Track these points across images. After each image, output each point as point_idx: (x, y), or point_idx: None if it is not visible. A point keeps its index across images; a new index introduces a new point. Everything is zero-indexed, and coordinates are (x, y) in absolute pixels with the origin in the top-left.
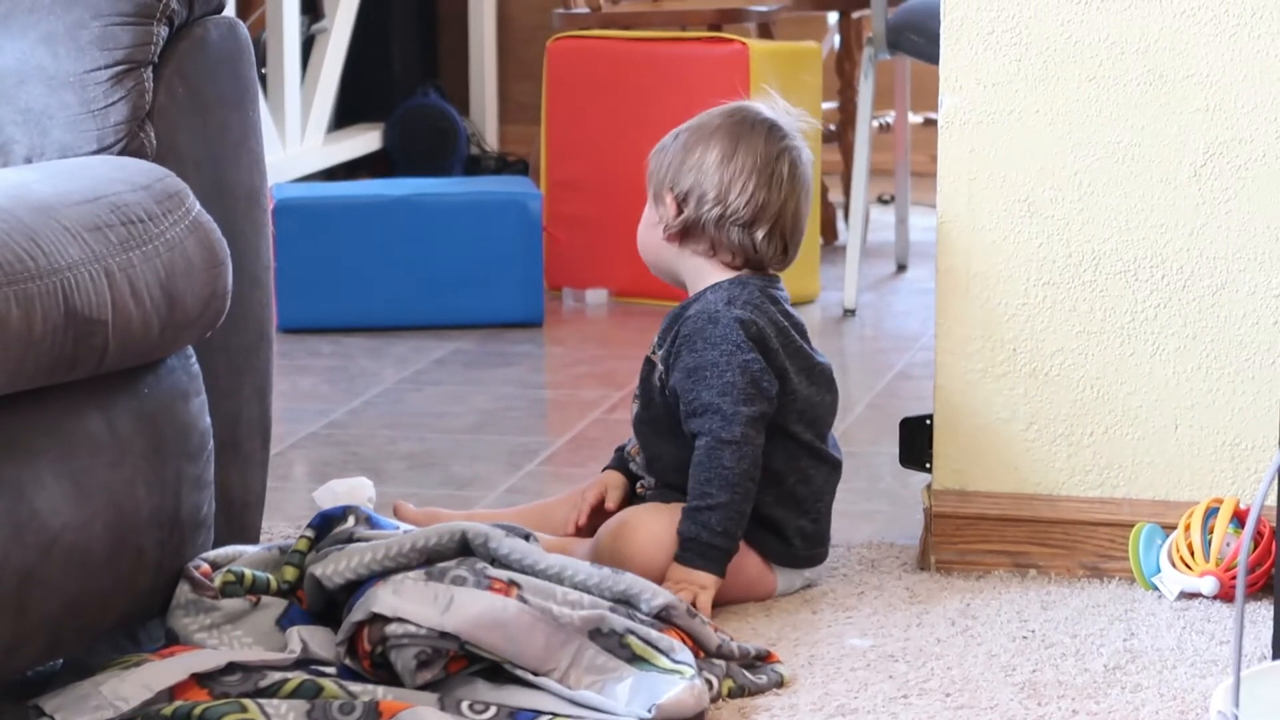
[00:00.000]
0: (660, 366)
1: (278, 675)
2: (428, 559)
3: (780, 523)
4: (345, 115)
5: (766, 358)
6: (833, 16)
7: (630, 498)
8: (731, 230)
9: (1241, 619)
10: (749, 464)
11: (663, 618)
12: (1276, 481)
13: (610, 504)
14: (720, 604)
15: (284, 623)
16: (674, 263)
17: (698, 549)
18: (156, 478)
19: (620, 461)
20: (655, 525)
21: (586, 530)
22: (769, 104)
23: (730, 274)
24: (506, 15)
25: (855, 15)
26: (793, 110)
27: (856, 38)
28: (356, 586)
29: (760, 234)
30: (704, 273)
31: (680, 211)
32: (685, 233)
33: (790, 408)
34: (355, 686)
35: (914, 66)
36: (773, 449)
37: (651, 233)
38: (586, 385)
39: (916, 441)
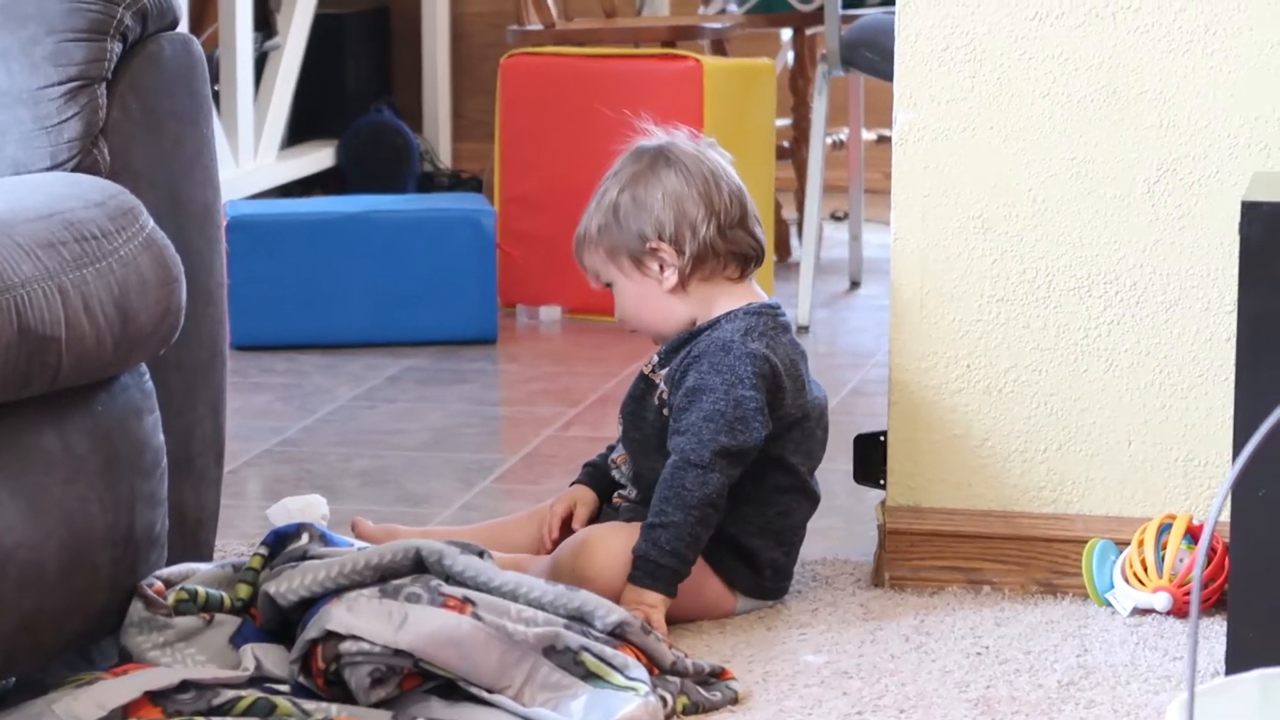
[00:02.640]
0: (662, 386)
1: (231, 693)
2: (382, 576)
3: (756, 553)
4: (298, 132)
5: (775, 394)
6: (786, 33)
7: (599, 514)
8: (731, 234)
9: (1196, 635)
10: (711, 491)
11: (617, 634)
12: (1229, 498)
13: (577, 521)
14: (677, 621)
15: (238, 640)
16: (681, 312)
17: (646, 568)
18: (110, 495)
19: (590, 476)
20: (614, 545)
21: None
22: (649, 131)
23: (738, 297)
24: (460, 32)
25: (809, 32)
26: (672, 131)
27: (810, 54)
28: (310, 604)
29: (753, 224)
30: (714, 302)
31: (681, 252)
32: (693, 269)
33: (788, 438)
34: (309, 704)
35: (867, 83)
36: (764, 478)
37: (648, 300)
38: (541, 402)
39: (871, 458)
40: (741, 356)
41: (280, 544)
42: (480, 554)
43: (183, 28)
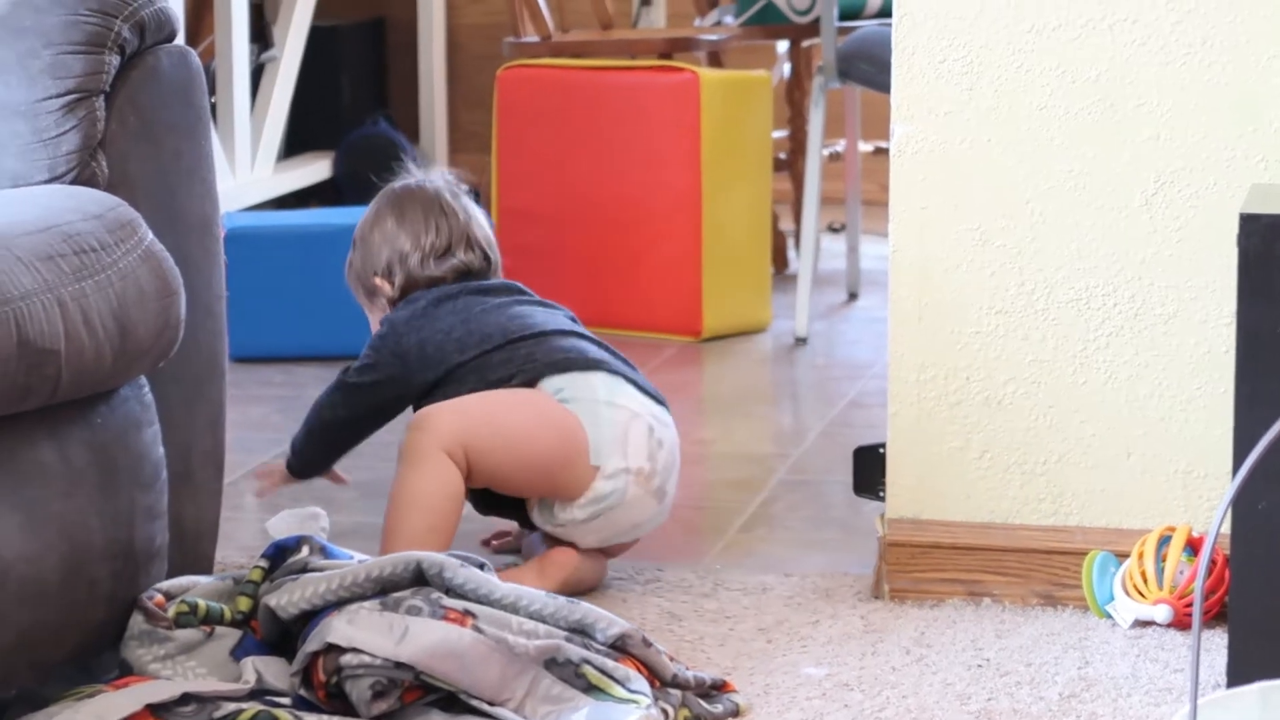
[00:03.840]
0: None
1: (232, 706)
2: (383, 589)
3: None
4: (295, 144)
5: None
6: (783, 45)
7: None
8: (430, 263)
9: (1198, 647)
10: (354, 399)
11: (618, 647)
12: (1230, 510)
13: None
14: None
15: (238, 653)
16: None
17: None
18: (110, 508)
19: None
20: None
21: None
22: (415, 173)
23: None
24: (456, 44)
25: (805, 44)
26: (439, 172)
27: (806, 66)
28: (311, 617)
29: (461, 253)
30: None
31: (390, 281)
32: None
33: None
34: (310, 717)
35: (864, 95)
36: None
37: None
38: None
39: (870, 470)
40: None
41: (280, 557)
42: (481, 566)
43: (179, 40)
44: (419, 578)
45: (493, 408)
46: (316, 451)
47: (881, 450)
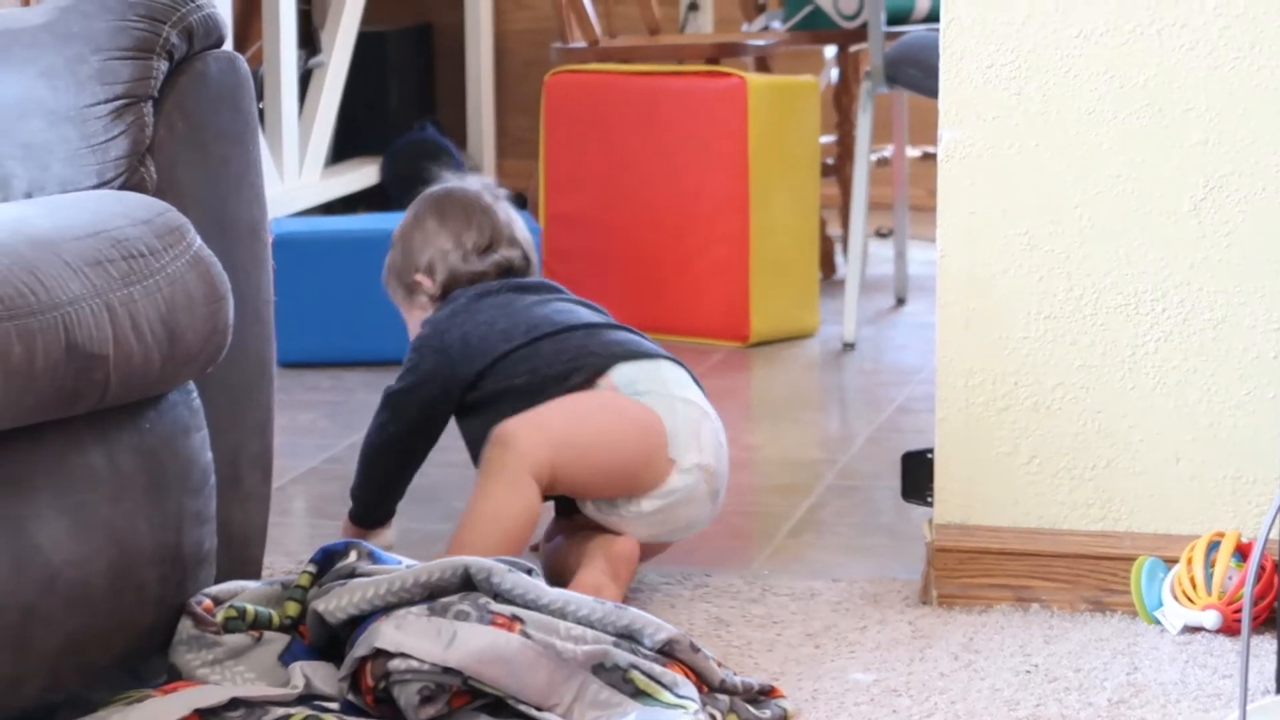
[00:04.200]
0: None
1: (280, 711)
2: (430, 594)
3: (562, 366)
4: (343, 150)
5: (445, 339)
6: (830, 50)
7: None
8: (472, 259)
9: (1247, 653)
10: (403, 419)
11: (666, 652)
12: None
13: None
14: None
15: (286, 658)
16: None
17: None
18: (158, 513)
19: None
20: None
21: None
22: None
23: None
24: (504, 50)
25: (853, 49)
26: (477, 178)
27: (854, 71)
28: (359, 622)
29: (503, 249)
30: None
31: (433, 278)
32: (443, 292)
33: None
34: None
35: (911, 100)
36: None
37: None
38: None
39: (918, 475)
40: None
41: (328, 561)
42: (529, 571)
43: (227, 46)
44: (467, 583)
45: (575, 419)
46: (375, 489)
47: (929, 455)
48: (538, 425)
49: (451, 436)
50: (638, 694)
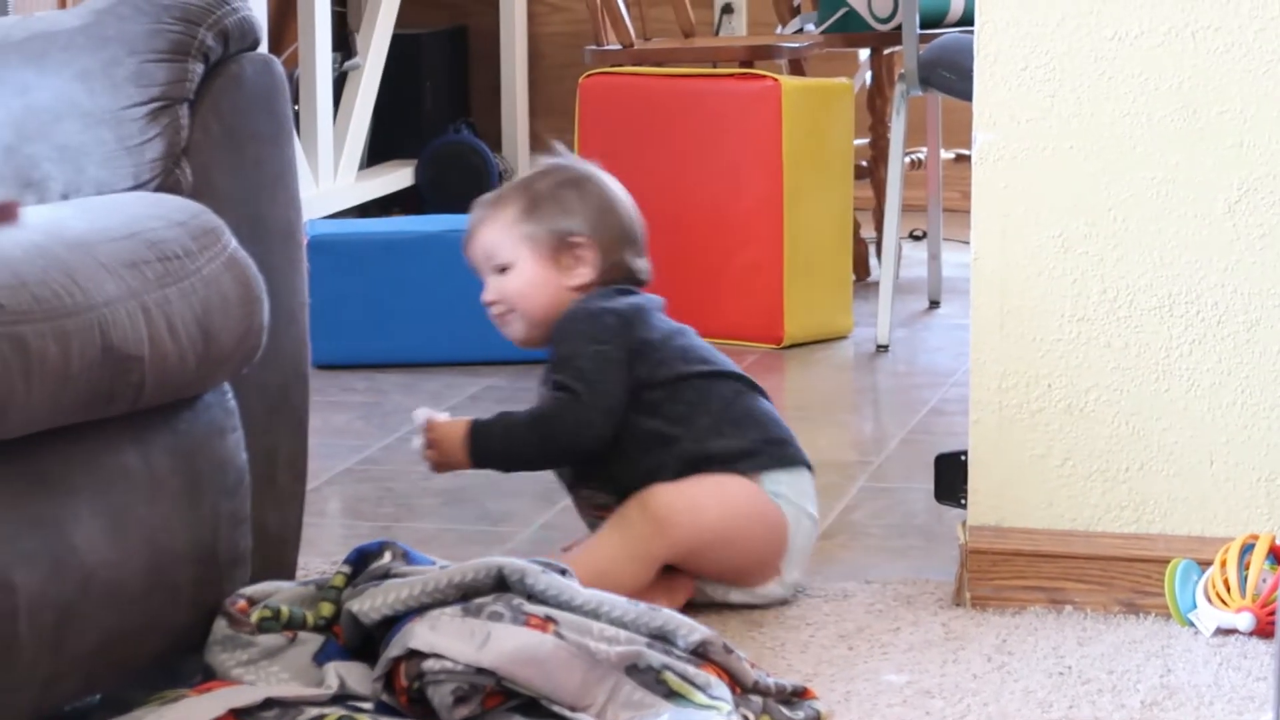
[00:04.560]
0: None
1: (315, 711)
2: (464, 595)
3: (756, 439)
4: (377, 152)
5: (630, 330)
6: (864, 53)
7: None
8: (633, 260)
9: None
10: (571, 444)
11: (699, 653)
12: None
13: None
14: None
15: (321, 658)
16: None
17: (481, 428)
18: (193, 514)
19: None
20: (719, 486)
21: None
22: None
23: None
24: (538, 52)
25: (887, 52)
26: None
27: (888, 74)
28: (393, 622)
29: (635, 254)
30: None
31: (601, 253)
32: (603, 275)
33: (669, 359)
34: None
35: (945, 102)
36: (682, 395)
37: (545, 289)
38: None
39: (951, 477)
40: (584, 317)
41: (363, 562)
42: (562, 572)
43: (262, 48)
44: (501, 584)
45: (727, 515)
46: (512, 462)
47: (963, 457)
48: (694, 514)
49: None
50: (671, 695)
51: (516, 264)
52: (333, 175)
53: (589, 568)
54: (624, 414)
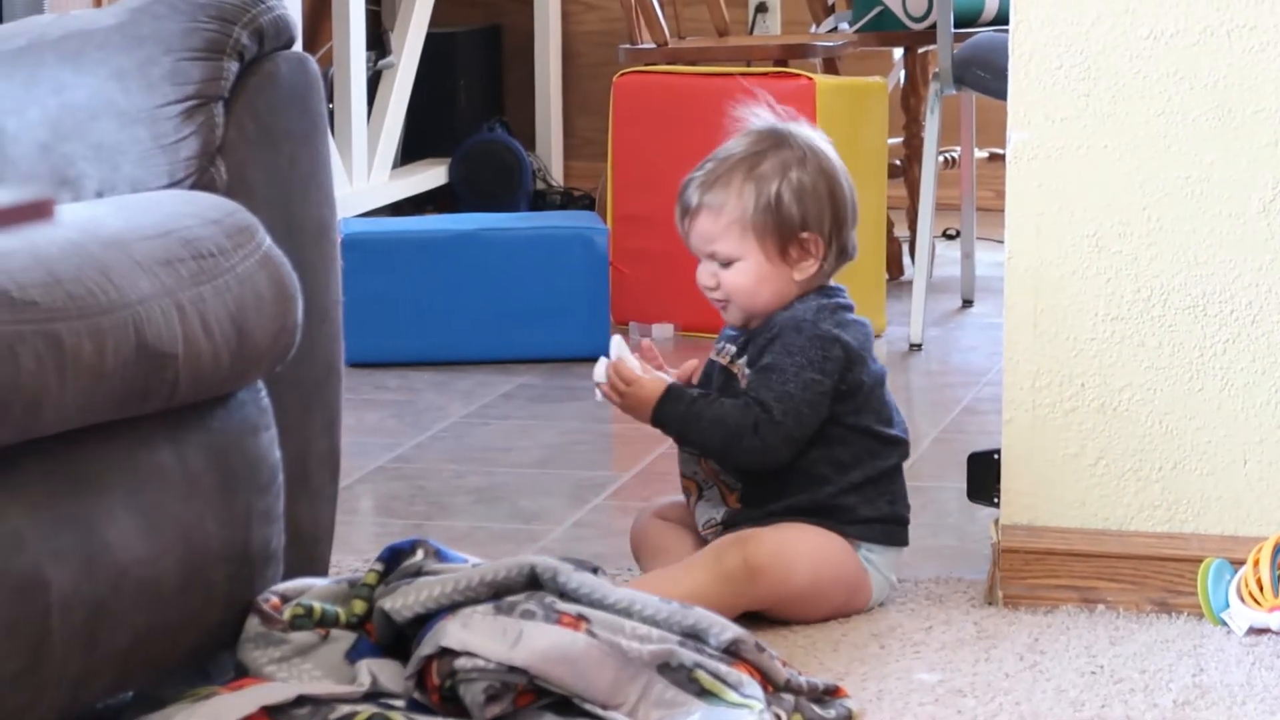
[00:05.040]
0: (746, 373)
1: (347, 708)
2: (496, 593)
3: (860, 509)
4: (411, 151)
5: (849, 371)
6: (898, 52)
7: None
8: (851, 237)
9: None
10: (749, 460)
11: (731, 652)
12: None
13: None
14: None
15: (353, 656)
16: (786, 300)
17: (667, 409)
18: (226, 511)
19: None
20: (816, 548)
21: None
22: (765, 116)
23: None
24: (572, 51)
25: (921, 50)
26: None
27: (922, 73)
28: (425, 620)
29: (850, 230)
30: (792, 295)
31: (829, 247)
32: (830, 265)
33: (867, 407)
34: None
35: (979, 101)
36: (848, 443)
37: (771, 283)
38: None
39: (984, 476)
40: (813, 339)
41: (395, 560)
42: (595, 570)
43: (297, 47)
44: (533, 582)
45: (818, 577)
46: (687, 442)
47: (996, 456)
48: (788, 572)
49: (517, 436)
50: (703, 693)
51: (742, 260)
52: (366, 174)
53: (676, 595)
54: None
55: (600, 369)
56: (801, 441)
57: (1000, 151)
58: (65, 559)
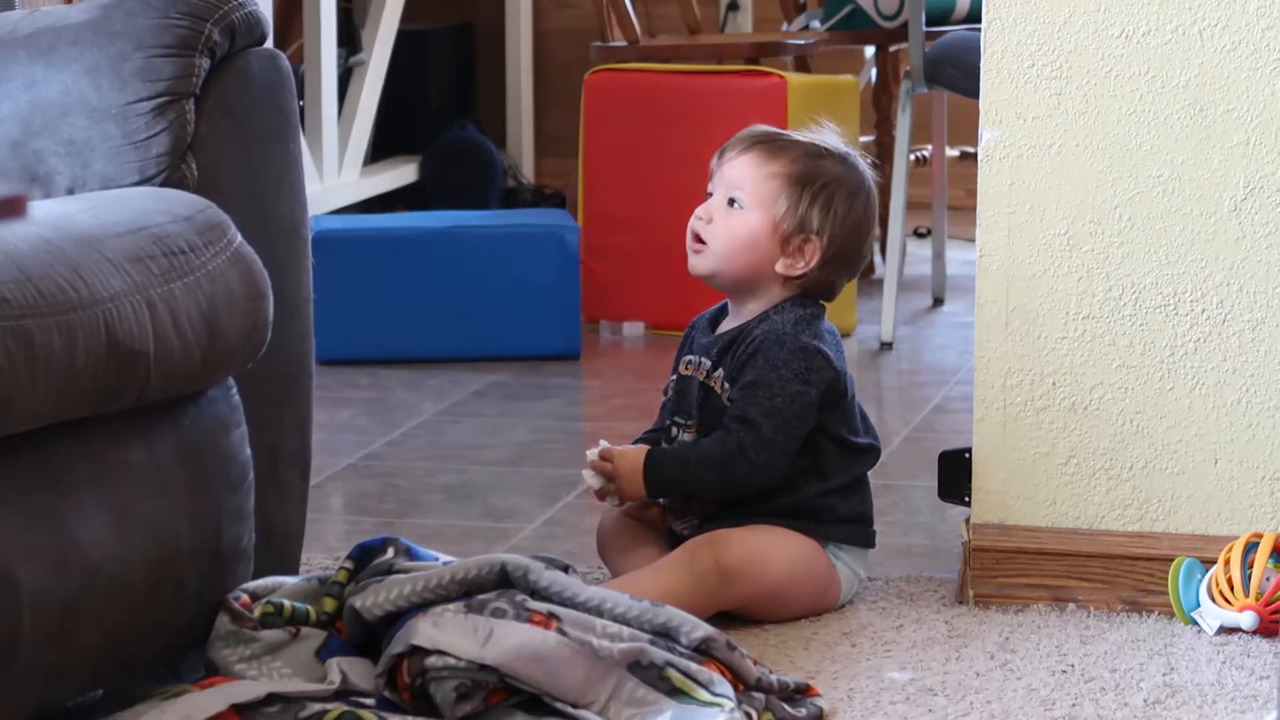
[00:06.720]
0: (726, 387)
1: (317, 706)
2: (467, 591)
3: (834, 509)
4: (382, 148)
5: (832, 384)
6: (870, 50)
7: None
8: (836, 273)
9: None
10: (747, 484)
11: (702, 650)
12: None
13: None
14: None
15: (323, 654)
16: (754, 282)
17: (656, 476)
18: (197, 509)
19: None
20: (787, 548)
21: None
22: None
23: (787, 294)
24: (543, 48)
25: (893, 49)
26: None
27: (894, 71)
28: (396, 618)
29: (846, 278)
30: (772, 296)
31: (824, 264)
32: (815, 278)
33: (840, 418)
34: (395, 718)
35: (951, 100)
36: (821, 451)
37: (755, 252)
38: (624, 418)
39: (955, 475)
40: (796, 351)
41: (366, 558)
42: (566, 569)
43: (269, 44)
44: (504, 580)
45: (790, 578)
46: (688, 491)
47: (967, 455)
48: (761, 572)
49: (489, 434)
50: (674, 692)
51: (748, 214)
52: (337, 171)
53: (648, 596)
54: None
55: (588, 474)
56: (793, 453)
57: (972, 150)
58: (36, 557)
